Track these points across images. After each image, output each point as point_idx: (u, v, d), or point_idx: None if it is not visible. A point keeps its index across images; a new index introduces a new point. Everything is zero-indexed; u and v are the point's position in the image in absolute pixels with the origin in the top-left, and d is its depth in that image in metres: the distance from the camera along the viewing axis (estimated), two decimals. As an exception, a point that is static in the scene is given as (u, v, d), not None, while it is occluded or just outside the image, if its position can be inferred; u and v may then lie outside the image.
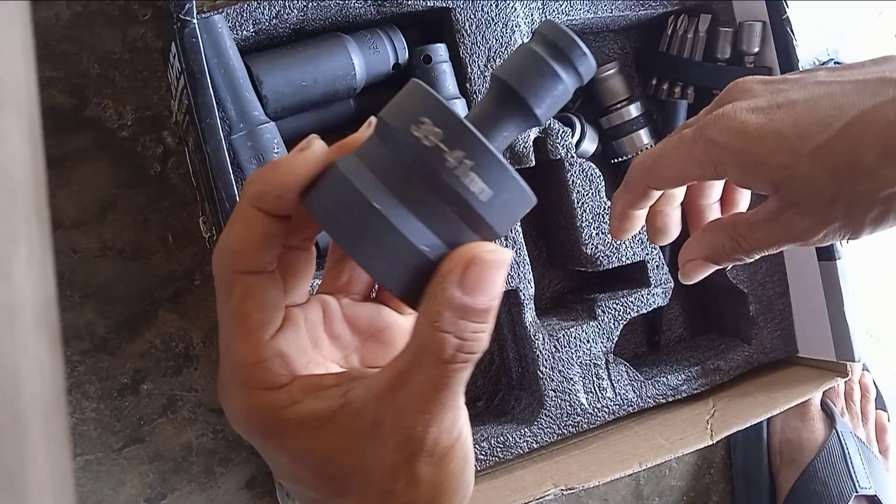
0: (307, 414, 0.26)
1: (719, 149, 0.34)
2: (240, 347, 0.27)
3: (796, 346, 0.64)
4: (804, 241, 0.35)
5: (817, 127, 0.32)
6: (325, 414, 0.26)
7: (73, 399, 0.54)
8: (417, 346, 0.25)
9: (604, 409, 0.58)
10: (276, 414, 0.27)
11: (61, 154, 0.53)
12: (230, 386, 0.27)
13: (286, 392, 0.27)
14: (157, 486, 0.56)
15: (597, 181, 0.57)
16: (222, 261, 0.27)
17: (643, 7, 0.60)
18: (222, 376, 0.28)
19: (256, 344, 0.27)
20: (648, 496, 0.70)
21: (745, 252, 0.37)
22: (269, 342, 0.27)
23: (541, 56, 0.27)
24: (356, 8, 0.51)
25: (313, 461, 0.27)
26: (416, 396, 0.25)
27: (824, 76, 0.34)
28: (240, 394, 0.27)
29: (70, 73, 0.53)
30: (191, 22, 0.43)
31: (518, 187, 0.26)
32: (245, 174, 0.47)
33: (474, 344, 0.25)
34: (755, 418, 0.57)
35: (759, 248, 0.37)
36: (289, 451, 0.27)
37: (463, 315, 0.24)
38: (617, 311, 0.58)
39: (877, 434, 0.73)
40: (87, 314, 0.54)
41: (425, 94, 0.25)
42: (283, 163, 0.26)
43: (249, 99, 0.47)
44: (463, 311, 0.24)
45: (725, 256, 0.38)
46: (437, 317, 0.24)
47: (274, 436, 0.27)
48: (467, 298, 0.24)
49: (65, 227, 0.53)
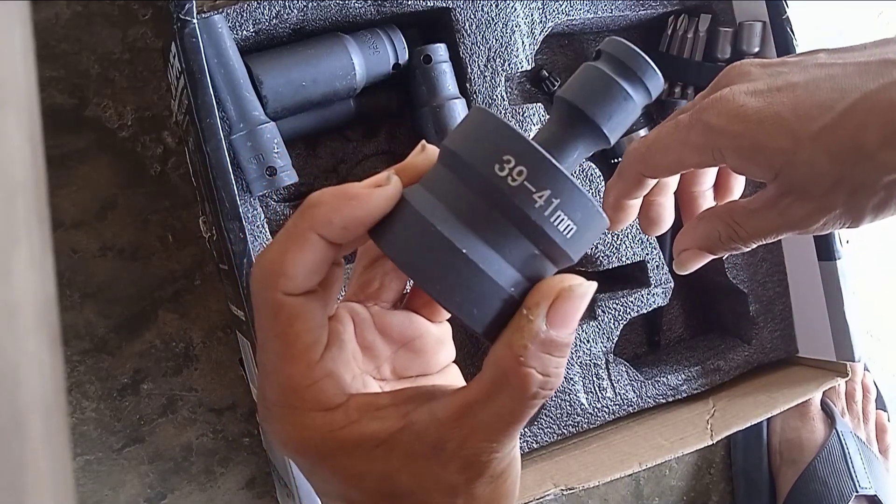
0: (366, 435, 0.26)
1: (717, 133, 0.33)
2: (291, 371, 0.26)
3: (796, 346, 0.64)
4: (803, 228, 0.34)
5: (818, 110, 0.31)
6: (383, 435, 0.26)
7: (73, 399, 0.54)
8: (497, 377, 0.25)
9: (604, 409, 0.58)
10: (332, 435, 0.26)
11: (61, 154, 0.53)
12: (279, 409, 0.27)
13: (342, 412, 0.26)
14: (157, 486, 0.56)
15: (597, 181, 0.57)
16: (268, 283, 0.25)
17: (643, 7, 0.60)
18: (269, 400, 0.27)
19: (308, 366, 0.26)
20: (648, 496, 0.70)
21: (741, 241, 0.36)
22: (320, 363, 0.26)
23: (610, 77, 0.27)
24: (356, 8, 0.51)
25: (369, 481, 0.26)
26: (487, 426, 0.25)
27: (825, 58, 0.33)
28: (292, 417, 0.26)
29: (70, 73, 0.53)
30: (191, 22, 0.43)
31: (597, 216, 0.26)
32: (245, 174, 0.47)
33: (556, 380, 0.25)
34: (755, 418, 0.57)
35: (757, 237, 0.35)
36: (343, 472, 0.27)
37: (548, 349, 0.25)
38: (617, 311, 0.58)
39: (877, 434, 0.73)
40: (87, 314, 0.54)
41: (504, 128, 0.25)
42: (358, 195, 0.25)
43: (249, 99, 0.47)
44: (548, 345, 0.25)
45: (721, 245, 0.37)
46: (522, 351, 0.24)
47: (329, 457, 0.26)
48: (553, 332, 0.25)
49: (65, 227, 0.53)
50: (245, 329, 0.49)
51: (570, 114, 0.27)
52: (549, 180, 0.24)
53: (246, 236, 0.43)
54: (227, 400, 0.58)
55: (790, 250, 0.63)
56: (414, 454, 0.26)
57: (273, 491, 0.59)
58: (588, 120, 0.27)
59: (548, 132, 0.28)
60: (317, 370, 0.26)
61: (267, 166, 0.46)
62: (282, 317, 0.26)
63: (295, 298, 0.26)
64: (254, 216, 0.48)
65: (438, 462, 0.25)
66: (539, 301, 0.25)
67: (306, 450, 0.27)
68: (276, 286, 0.25)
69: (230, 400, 0.58)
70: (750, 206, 0.35)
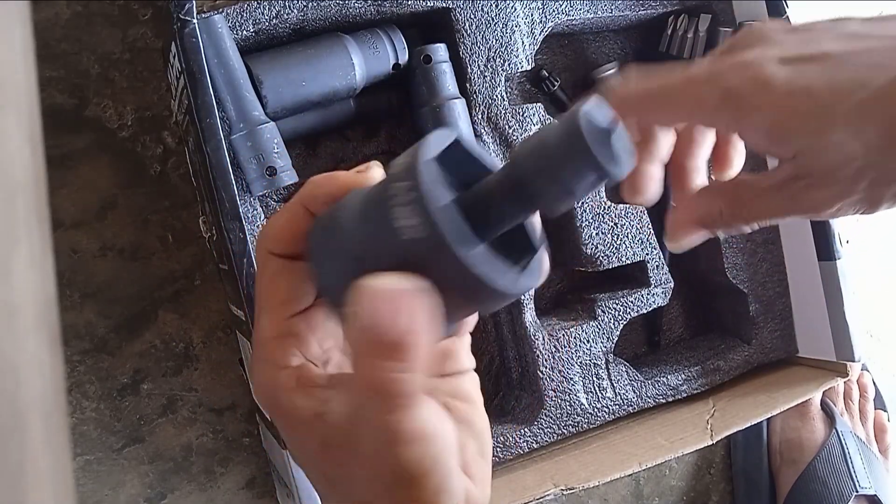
0: (293, 408, 0.27)
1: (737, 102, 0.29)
2: (264, 320, 0.28)
3: (796, 346, 0.64)
4: (816, 213, 0.31)
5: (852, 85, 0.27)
6: (305, 416, 0.27)
7: (73, 399, 0.54)
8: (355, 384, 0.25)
9: (604, 409, 0.58)
10: (275, 395, 0.28)
11: (61, 154, 0.53)
12: (255, 358, 0.29)
13: (285, 375, 0.28)
14: (157, 486, 0.56)
15: (597, 181, 0.57)
16: (261, 243, 0.29)
17: (643, 7, 0.60)
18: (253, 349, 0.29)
19: (277, 319, 0.28)
20: (648, 496, 0.70)
21: (744, 221, 0.33)
22: (289, 320, 0.28)
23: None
24: (356, 8, 0.51)
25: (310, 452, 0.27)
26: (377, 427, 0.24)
27: (858, 28, 0.30)
28: (257, 365, 0.29)
29: (70, 73, 0.53)
30: (191, 22, 0.43)
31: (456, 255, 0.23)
32: (245, 174, 0.47)
33: (398, 387, 0.23)
34: (755, 418, 0.57)
35: (762, 218, 0.32)
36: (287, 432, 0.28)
37: (376, 354, 0.23)
38: (617, 311, 0.58)
39: (876, 434, 0.73)
40: (87, 314, 0.54)
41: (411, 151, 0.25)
42: (341, 176, 0.29)
43: (249, 99, 0.47)
44: (374, 350, 0.23)
45: (721, 223, 0.34)
46: (353, 357, 0.24)
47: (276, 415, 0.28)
48: (371, 335, 0.23)
49: (65, 227, 0.53)
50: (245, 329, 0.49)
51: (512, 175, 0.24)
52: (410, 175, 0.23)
53: (246, 236, 0.43)
54: (227, 400, 0.58)
55: (790, 250, 0.63)
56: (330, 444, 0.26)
57: (273, 491, 0.59)
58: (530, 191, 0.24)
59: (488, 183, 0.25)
60: (283, 325, 0.28)
61: (267, 166, 0.46)
62: (266, 271, 0.29)
63: (279, 259, 0.29)
64: (254, 216, 0.48)
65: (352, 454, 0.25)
66: (352, 306, 0.24)
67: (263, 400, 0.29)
68: (264, 245, 0.29)
69: (230, 400, 0.58)
70: (758, 185, 0.32)
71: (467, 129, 0.53)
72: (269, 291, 0.29)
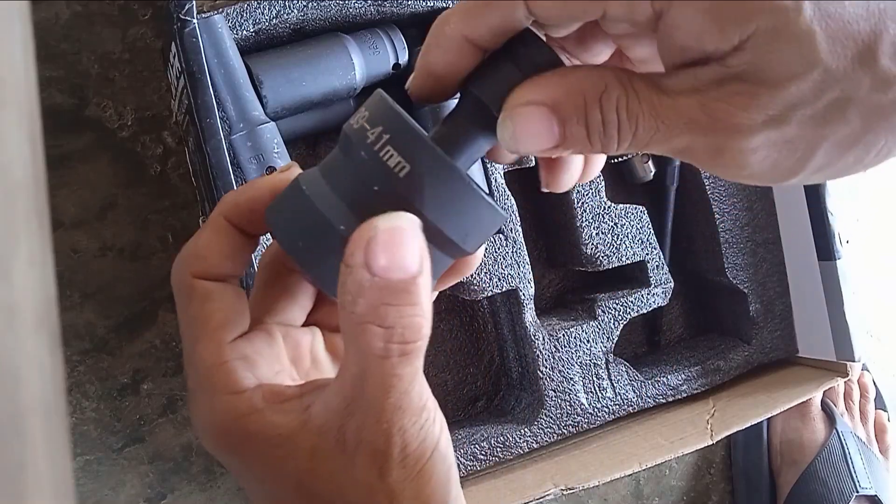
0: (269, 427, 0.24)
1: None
2: (202, 349, 0.26)
3: (796, 346, 0.64)
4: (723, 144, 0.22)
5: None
6: (286, 430, 0.24)
7: (73, 399, 0.54)
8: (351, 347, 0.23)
9: (604, 409, 0.58)
10: (238, 423, 0.25)
11: (61, 154, 0.53)
12: (195, 392, 0.26)
13: (247, 398, 0.25)
14: (157, 486, 0.56)
15: (597, 181, 0.57)
16: (183, 266, 0.26)
17: (643, 7, 0.60)
18: (189, 385, 0.27)
19: (218, 345, 0.26)
20: (648, 496, 0.70)
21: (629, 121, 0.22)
22: (232, 344, 0.26)
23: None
24: (356, 8, 0.51)
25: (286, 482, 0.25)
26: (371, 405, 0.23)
27: None
28: (203, 399, 0.26)
29: (70, 73, 0.53)
30: (191, 22, 0.43)
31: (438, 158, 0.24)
32: (245, 174, 0.47)
33: (405, 332, 0.22)
34: (755, 418, 0.57)
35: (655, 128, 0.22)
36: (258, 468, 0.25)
37: (380, 299, 0.22)
38: (617, 311, 0.58)
39: (876, 434, 0.73)
40: (87, 314, 0.54)
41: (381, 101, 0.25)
42: (261, 181, 0.26)
43: (249, 99, 0.47)
44: (378, 293, 0.22)
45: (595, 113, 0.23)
46: (352, 306, 0.22)
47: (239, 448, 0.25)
48: (377, 279, 0.21)
49: (65, 227, 0.53)
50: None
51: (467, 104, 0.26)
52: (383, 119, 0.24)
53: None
54: (227, 400, 0.58)
55: (790, 250, 0.63)
56: (319, 453, 0.24)
57: (273, 491, 0.59)
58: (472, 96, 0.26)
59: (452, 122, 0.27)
60: (227, 350, 0.26)
61: (267, 166, 0.46)
62: (195, 297, 0.26)
63: (208, 283, 0.26)
64: (254, 216, 0.48)
65: (345, 458, 0.24)
66: (353, 250, 0.22)
67: (217, 437, 0.26)
68: (189, 268, 0.26)
69: (230, 400, 0.58)
70: (664, 82, 0.22)
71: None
72: (203, 317, 0.26)
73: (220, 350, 0.25)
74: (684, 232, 0.64)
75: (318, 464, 0.24)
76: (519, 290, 0.55)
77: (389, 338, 0.22)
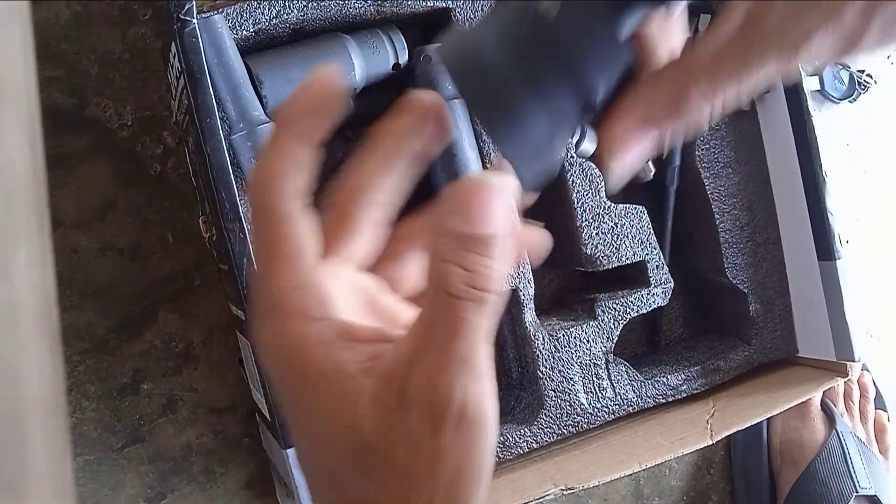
0: (337, 361, 0.24)
1: None
2: (279, 270, 0.25)
3: (796, 346, 0.64)
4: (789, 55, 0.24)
5: None
6: (352, 370, 0.24)
7: (73, 399, 0.54)
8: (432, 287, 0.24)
9: (604, 409, 0.58)
10: (305, 350, 0.25)
11: (61, 154, 0.53)
12: (264, 313, 0.26)
13: (319, 326, 0.25)
14: (157, 486, 0.56)
15: (597, 181, 0.57)
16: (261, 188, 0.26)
17: (643, 7, 0.60)
18: (257, 307, 0.26)
19: (295, 269, 0.25)
20: (648, 496, 0.70)
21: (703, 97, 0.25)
22: (308, 269, 0.25)
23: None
24: (356, 8, 0.51)
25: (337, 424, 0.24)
26: (438, 351, 0.23)
27: None
28: (274, 320, 0.25)
29: (70, 73, 0.53)
30: (191, 22, 0.43)
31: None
32: (245, 174, 0.47)
33: (482, 278, 0.23)
34: (755, 418, 0.57)
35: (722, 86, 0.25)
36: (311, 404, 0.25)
37: (465, 245, 0.23)
38: (617, 311, 0.58)
39: (876, 434, 0.73)
40: (87, 314, 0.54)
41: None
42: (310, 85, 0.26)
43: (249, 99, 0.47)
44: (463, 240, 0.23)
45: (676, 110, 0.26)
46: (441, 246, 0.23)
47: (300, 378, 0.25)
48: (465, 227, 0.23)
49: (65, 227, 0.53)
50: (245, 329, 0.49)
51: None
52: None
53: (246, 236, 0.43)
54: (227, 400, 0.58)
55: (790, 250, 0.63)
56: (380, 401, 0.24)
57: (273, 491, 0.59)
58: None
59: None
60: (303, 275, 0.25)
61: (267, 166, 0.46)
62: (273, 218, 0.26)
63: (285, 201, 0.26)
64: (254, 216, 0.48)
65: (403, 409, 0.24)
66: (448, 196, 0.23)
67: (283, 361, 0.25)
68: (267, 189, 0.26)
69: (230, 400, 0.58)
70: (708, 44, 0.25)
71: (467, 129, 0.53)
72: (281, 239, 0.25)
73: (296, 273, 0.25)
74: (684, 232, 0.64)
75: (376, 411, 0.24)
76: (519, 290, 0.55)
77: (468, 280, 0.23)
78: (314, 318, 0.25)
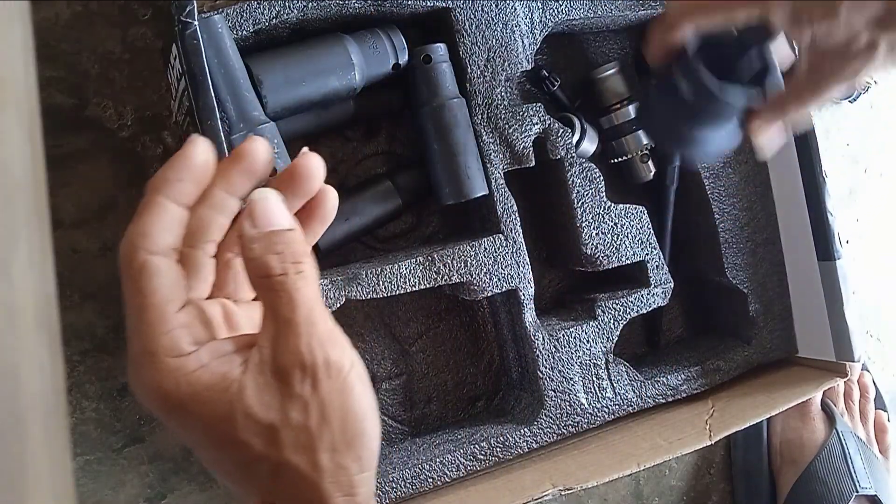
0: (216, 375, 0.30)
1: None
2: (150, 319, 0.30)
3: (796, 347, 0.64)
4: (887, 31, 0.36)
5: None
6: (233, 374, 0.30)
7: (73, 399, 0.54)
8: (258, 281, 0.30)
9: (604, 409, 0.58)
10: (185, 379, 0.29)
11: (61, 154, 0.53)
12: (140, 358, 0.30)
13: (194, 357, 0.30)
14: (157, 486, 0.56)
15: (597, 181, 0.57)
16: (131, 245, 0.30)
17: (643, 7, 0.60)
18: (132, 353, 0.30)
19: (164, 316, 0.30)
20: (648, 496, 0.70)
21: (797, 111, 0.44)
22: (176, 314, 0.30)
23: None
24: (356, 8, 0.51)
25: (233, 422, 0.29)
26: (288, 325, 0.29)
27: None
28: (150, 364, 0.30)
29: (70, 73, 0.53)
30: (192, 24, 0.43)
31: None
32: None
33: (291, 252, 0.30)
34: (755, 418, 0.57)
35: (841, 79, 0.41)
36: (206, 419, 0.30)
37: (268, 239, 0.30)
38: (617, 311, 0.58)
39: (876, 434, 0.73)
40: (87, 314, 0.54)
41: None
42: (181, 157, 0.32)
43: (249, 99, 0.47)
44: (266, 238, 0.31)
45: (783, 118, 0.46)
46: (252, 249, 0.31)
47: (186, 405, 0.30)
48: (260, 228, 0.31)
49: (65, 227, 0.53)
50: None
51: None
52: None
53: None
54: (227, 400, 0.58)
55: (790, 250, 0.63)
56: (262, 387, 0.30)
57: (273, 491, 0.59)
58: None
59: None
60: (172, 320, 0.30)
61: (267, 166, 0.46)
62: (143, 274, 0.30)
63: (152, 257, 0.30)
64: (254, 216, 0.48)
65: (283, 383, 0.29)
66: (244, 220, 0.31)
67: (165, 397, 0.30)
68: (136, 247, 0.30)
69: (230, 400, 0.58)
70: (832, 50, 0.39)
71: (467, 128, 0.53)
72: (151, 290, 0.30)
73: (165, 320, 0.30)
74: (684, 232, 0.64)
75: (262, 395, 0.29)
76: (519, 290, 0.55)
77: (283, 258, 0.30)
78: (188, 352, 0.30)
